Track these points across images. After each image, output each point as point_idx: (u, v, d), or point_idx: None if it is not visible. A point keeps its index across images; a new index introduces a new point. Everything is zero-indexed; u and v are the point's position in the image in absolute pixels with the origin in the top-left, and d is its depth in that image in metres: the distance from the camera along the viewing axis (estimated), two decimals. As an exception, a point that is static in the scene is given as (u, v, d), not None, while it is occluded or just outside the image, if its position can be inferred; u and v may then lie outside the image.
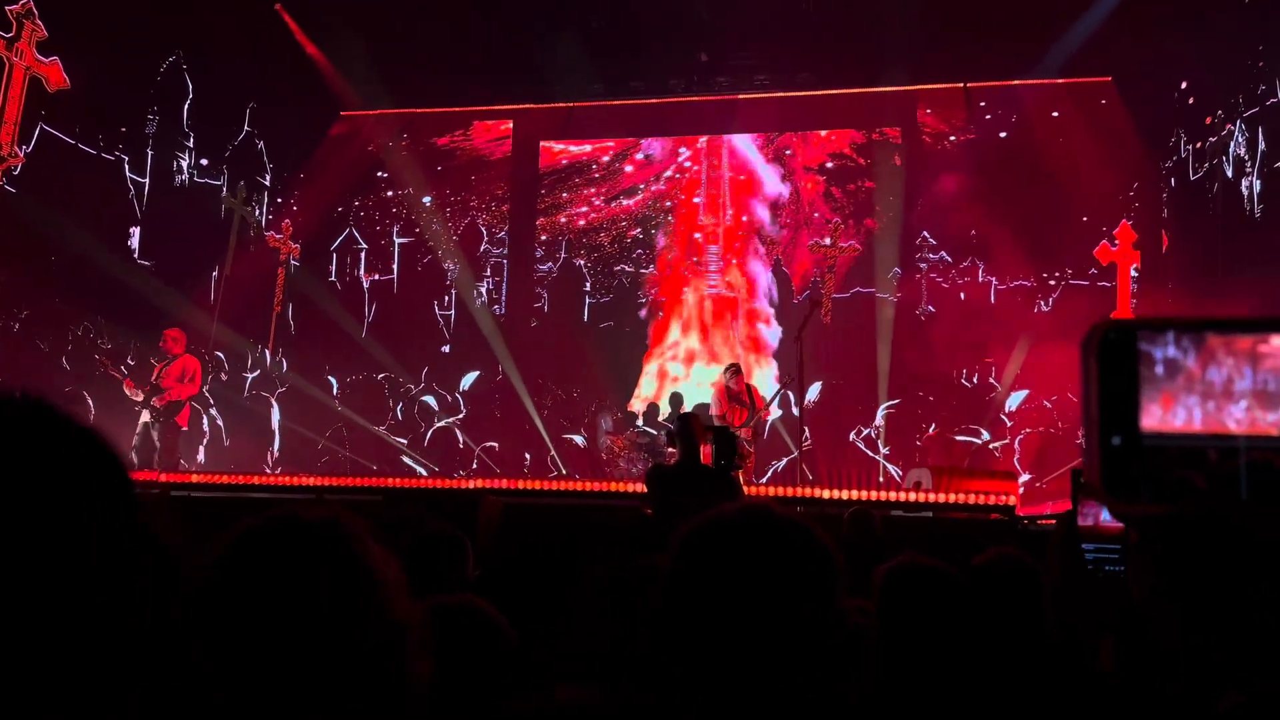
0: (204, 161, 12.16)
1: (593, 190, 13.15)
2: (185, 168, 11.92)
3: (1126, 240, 10.94)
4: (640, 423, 12.10)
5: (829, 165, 12.44)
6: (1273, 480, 0.59)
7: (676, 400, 11.57)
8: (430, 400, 12.95)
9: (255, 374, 12.70)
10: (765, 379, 11.98)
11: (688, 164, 12.98)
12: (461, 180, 13.45)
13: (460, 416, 12.84)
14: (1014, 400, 11.18)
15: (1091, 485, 0.60)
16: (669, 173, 13.01)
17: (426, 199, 13.38)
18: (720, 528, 1.24)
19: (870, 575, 2.56)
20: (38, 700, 0.49)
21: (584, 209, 13.14)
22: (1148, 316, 0.63)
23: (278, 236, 13.00)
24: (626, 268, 12.84)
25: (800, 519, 1.28)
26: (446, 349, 13.09)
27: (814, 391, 11.75)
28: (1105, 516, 2.90)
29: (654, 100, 12.59)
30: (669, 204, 12.94)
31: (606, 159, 13.21)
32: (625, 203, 13.03)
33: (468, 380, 13.00)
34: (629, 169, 13.12)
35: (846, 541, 4.84)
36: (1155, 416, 0.60)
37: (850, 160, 12.36)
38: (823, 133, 12.50)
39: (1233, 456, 0.59)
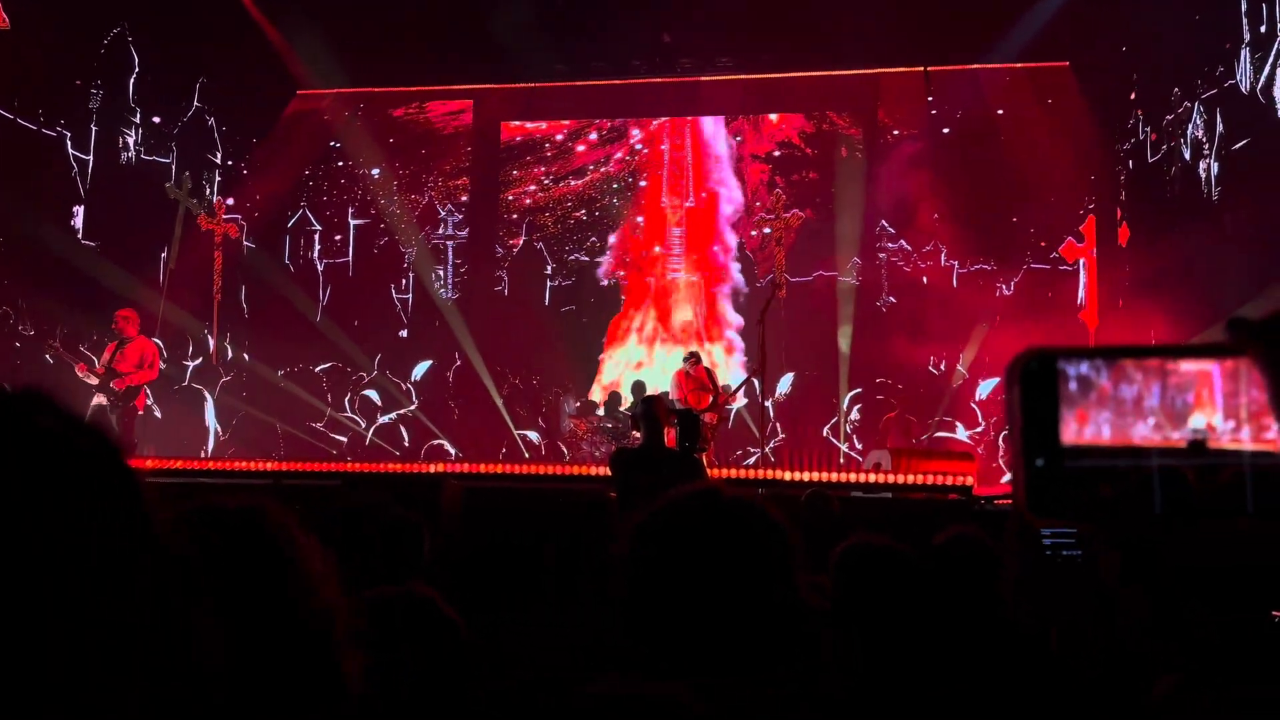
0: (156, 119, 11.68)
1: (544, 169, 12.98)
2: (132, 144, 11.45)
3: (1092, 235, 10.96)
4: (601, 412, 12.04)
5: (776, 154, 12.41)
6: (1184, 493, 0.61)
7: (638, 389, 11.51)
8: (373, 394, 12.60)
9: (198, 362, 12.28)
10: (730, 364, 12.00)
11: (639, 145, 12.85)
12: (419, 159, 13.22)
13: (412, 407, 12.57)
14: (985, 389, 11.20)
15: (1019, 505, 0.64)
16: (621, 154, 12.90)
17: (375, 170, 13.08)
18: (672, 512, 1.24)
19: (827, 556, 2.58)
20: (38, 700, 0.49)
21: (533, 188, 12.96)
22: (1068, 345, 0.67)
23: (211, 219, 12.48)
24: (584, 251, 12.71)
25: (752, 498, 1.27)
26: (404, 333, 12.87)
27: (785, 384, 11.71)
28: None
29: (616, 81, 12.51)
30: (618, 186, 12.80)
31: (560, 137, 13.05)
32: (575, 183, 12.89)
33: (420, 369, 12.72)
34: (582, 148, 12.98)
35: (803, 523, 4.86)
36: (1070, 435, 0.64)
37: (797, 149, 12.34)
38: (774, 118, 12.47)
39: (1145, 470, 0.63)
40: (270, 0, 11.30)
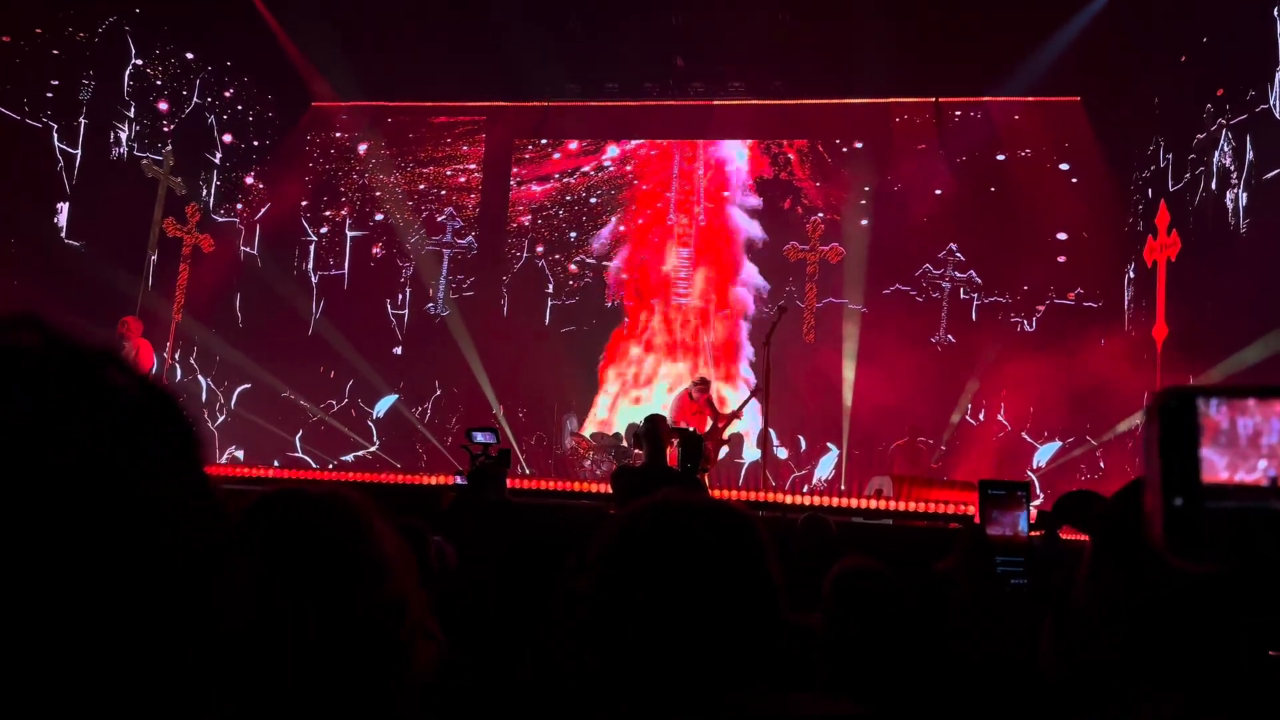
0: (156, 95, 11.09)
1: (550, 183, 12.87)
2: (124, 140, 10.85)
3: (1164, 225, 9.92)
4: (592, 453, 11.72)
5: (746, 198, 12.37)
6: None
7: (633, 432, 11.32)
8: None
9: None
10: (738, 398, 11.82)
11: (643, 163, 12.74)
12: (429, 174, 13.13)
13: (373, 448, 11.95)
14: (1044, 454, 10.61)
15: (1157, 545, 0.62)
16: (625, 170, 12.85)
17: (383, 182, 12.90)
18: (630, 531, 1.15)
19: (821, 579, 2.57)
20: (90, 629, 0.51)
21: (537, 199, 12.84)
22: (1206, 385, 0.66)
23: (179, 225, 11.71)
24: (588, 271, 12.51)
25: (714, 500, 1.21)
26: (398, 350, 12.53)
27: (826, 466, 11.27)
28: (1023, 528, 2.88)
29: (629, 103, 12.56)
30: (618, 195, 12.70)
31: (558, 156, 12.99)
32: (579, 196, 12.75)
33: (383, 406, 12.09)
34: (588, 166, 12.87)
35: (799, 548, 4.83)
36: (1209, 473, 0.63)
37: (764, 194, 12.32)
38: (742, 159, 12.47)
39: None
40: (288, 13, 11.26)
